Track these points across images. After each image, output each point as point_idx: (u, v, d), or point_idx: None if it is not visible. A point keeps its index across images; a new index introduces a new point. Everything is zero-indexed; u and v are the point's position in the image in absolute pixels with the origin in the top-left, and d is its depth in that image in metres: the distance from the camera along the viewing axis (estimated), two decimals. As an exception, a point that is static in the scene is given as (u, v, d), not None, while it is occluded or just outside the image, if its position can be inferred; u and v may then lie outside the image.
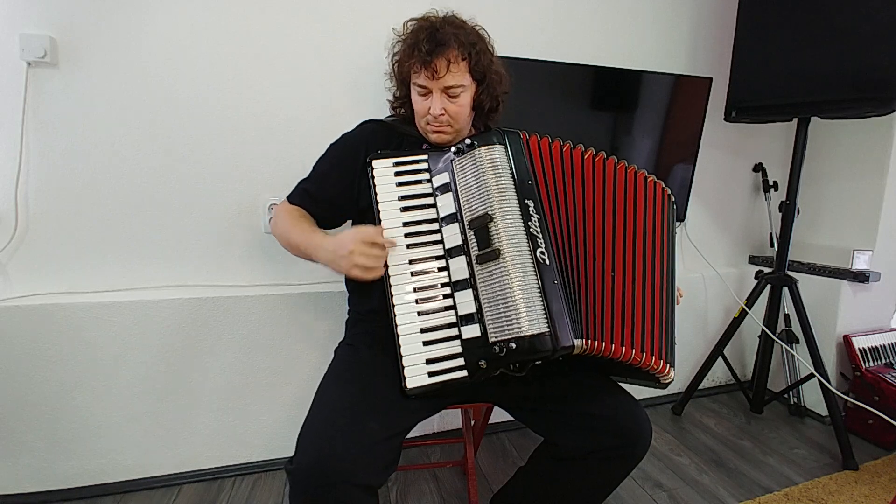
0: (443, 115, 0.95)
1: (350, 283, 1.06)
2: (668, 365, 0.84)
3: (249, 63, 1.35)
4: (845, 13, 1.44)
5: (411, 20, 0.97)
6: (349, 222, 1.09)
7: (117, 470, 1.33)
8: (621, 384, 0.97)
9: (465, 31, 0.94)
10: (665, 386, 0.88)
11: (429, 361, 0.83)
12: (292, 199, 1.05)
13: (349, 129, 1.08)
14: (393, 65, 1.01)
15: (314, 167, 1.07)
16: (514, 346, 0.77)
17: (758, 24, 1.63)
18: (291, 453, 0.76)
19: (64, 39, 1.21)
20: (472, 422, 1.34)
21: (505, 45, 1.53)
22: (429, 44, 0.90)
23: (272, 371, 1.42)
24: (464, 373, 0.83)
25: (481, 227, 0.84)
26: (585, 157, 0.93)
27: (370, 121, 1.09)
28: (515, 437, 1.68)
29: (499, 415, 1.60)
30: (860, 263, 1.80)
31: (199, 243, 1.39)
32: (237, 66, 1.34)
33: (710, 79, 1.68)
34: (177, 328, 1.32)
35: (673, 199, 0.98)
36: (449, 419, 1.66)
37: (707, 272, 2.00)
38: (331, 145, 1.07)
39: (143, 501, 1.30)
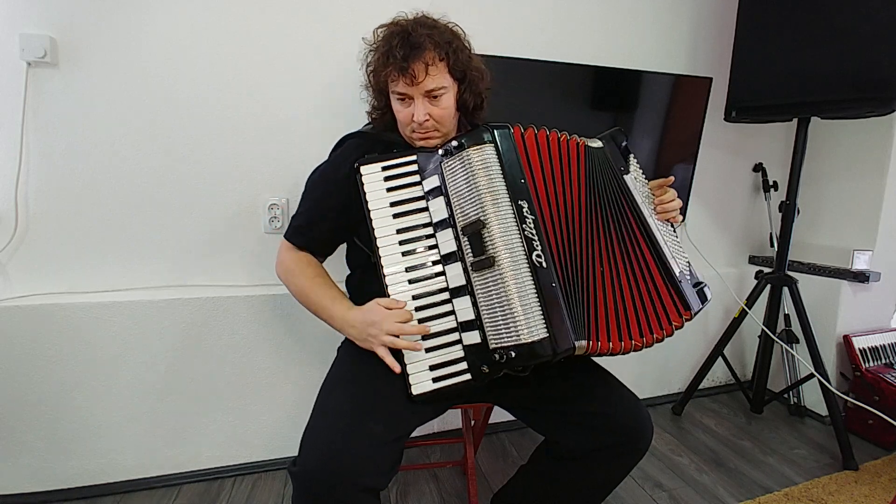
0: (427, 120, 0.91)
1: (351, 283, 1.06)
2: (681, 320, 0.90)
3: (249, 63, 1.35)
4: (845, 13, 1.44)
5: (381, 27, 0.93)
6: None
7: (117, 470, 1.33)
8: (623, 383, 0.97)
9: (440, 31, 0.90)
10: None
11: (432, 367, 0.83)
12: (295, 240, 0.99)
13: (349, 131, 1.07)
14: (368, 75, 0.96)
15: (306, 198, 1.01)
16: (514, 353, 0.77)
17: (758, 24, 1.63)
18: (292, 453, 0.76)
19: (64, 39, 1.21)
20: (472, 422, 1.34)
21: (505, 45, 1.54)
22: (403, 49, 0.86)
23: (272, 371, 1.42)
24: (467, 376, 0.83)
25: (474, 233, 0.82)
26: (580, 145, 0.93)
27: (351, 136, 1.04)
28: (515, 437, 1.68)
29: (499, 415, 1.60)
30: (860, 263, 1.80)
31: (199, 243, 1.39)
32: (237, 66, 1.34)
33: (710, 79, 1.68)
34: (177, 328, 1.32)
35: (598, 145, 0.95)
36: (449, 419, 1.66)
37: (707, 272, 1.99)
38: (316, 173, 1.02)
39: (144, 501, 1.30)
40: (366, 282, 0.89)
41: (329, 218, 0.98)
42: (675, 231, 0.99)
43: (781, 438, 1.73)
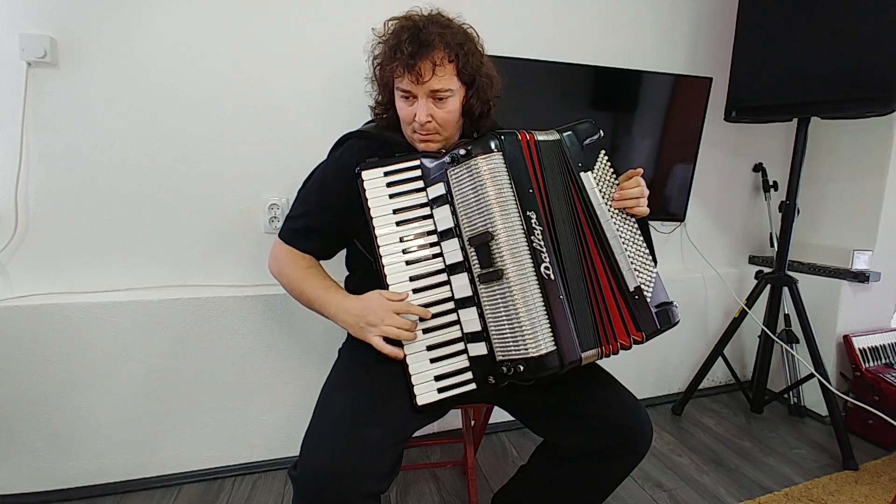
0: (430, 122, 0.88)
1: (350, 285, 1.04)
2: (628, 339, 0.85)
3: (249, 63, 1.35)
4: (845, 13, 1.44)
5: (392, 19, 0.89)
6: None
7: (117, 470, 1.33)
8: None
9: (452, 31, 0.87)
10: None
11: (437, 378, 0.83)
12: (290, 240, 0.97)
13: (349, 130, 1.05)
14: (374, 68, 0.93)
15: (303, 200, 0.98)
16: (521, 367, 0.77)
17: (758, 24, 1.63)
18: (292, 453, 0.76)
19: (64, 39, 1.21)
20: (472, 422, 1.34)
21: (505, 45, 1.54)
22: (412, 45, 0.83)
23: (272, 371, 1.42)
24: (472, 386, 0.83)
25: (482, 244, 0.80)
26: (529, 141, 0.88)
27: (352, 136, 0.99)
28: (515, 437, 1.68)
29: (499, 415, 1.60)
30: (860, 263, 1.80)
31: (199, 243, 1.39)
32: (237, 66, 1.34)
33: (710, 79, 1.68)
34: (177, 328, 1.32)
35: (553, 138, 0.88)
36: (449, 419, 1.66)
37: (707, 272, 2.00)
38: (316, 173, 0.99)
39: (143, 501, 1.30)
40: (366, 285, 0.88)
41: (328, 226, 0.96)
42: (641, 238, 0.90)
43: (781, 438, 1.73)
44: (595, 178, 0.89)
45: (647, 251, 0.90)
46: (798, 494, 1.40)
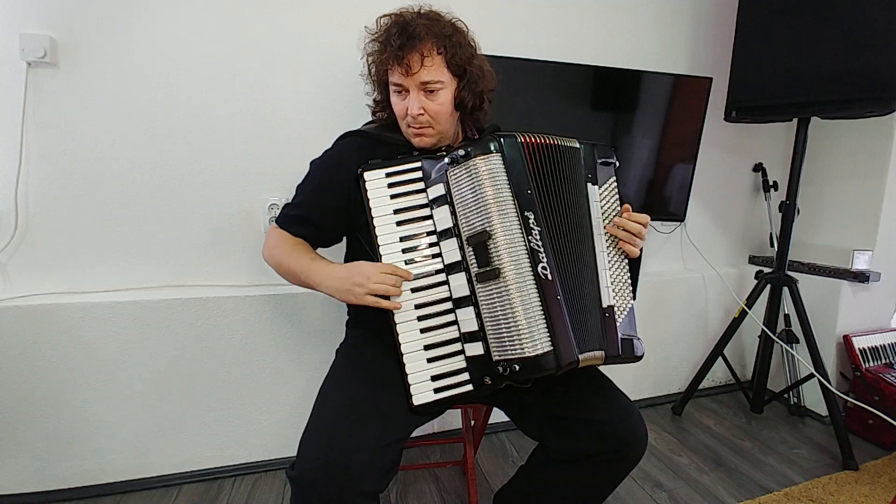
0: (422, 114, 0.89)
1: None
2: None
3: (249, 63, 1.35)
4: (845, 14, 1.44)
5: (384, 16, 0.92)
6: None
7: (117, 470, 1.33)
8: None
9: (441, 24, 0.88)
10: None
11: (434, 378, 0.83)
12: (283, 225, 0.99)
13: (349, 129, 1.05)
14: (368, 66, 0.95)
15: (301, 190, 1.00)
16: (517, 367, 0.77)
17: (758, 24, 1.63)
18: (291, 453, 0.76)
19: (64, 39, 1.21)
20: (472, 422, 1.34)
21: (506, 45, 1.54)
22: (400, 38, 0.85)
23: (272, 371, 1.42)
24: (469, 387, 0.83)
25: (479, 243, 0.81)
26: (560, 147, 0.90)
27: (351, 134, 1.01)
28: (515, 437, 1.68)
29: (499, 414, 1.59)
30: (860, 263, 1.80)
31: (199, 243, 1.39)
32: (236, 66, 1.34)
33: (710, 79, 1.68)
34: (177, 328, 1.32)
35: (575, 145, 0.90)
36: (449, 419, 1.66)
37: (707, 272, 2.00)
38: (315, 165, 1.01)
39: (143, 501, 1.30)
40: None
41: (323, 219, 0.98)
42: (627, 270, 0.91)
43: (781, 438, 1.73)
44: (600, 195, 0.91)
45: (630, 283, 0.91)
46: (798, 494, 1.40)
